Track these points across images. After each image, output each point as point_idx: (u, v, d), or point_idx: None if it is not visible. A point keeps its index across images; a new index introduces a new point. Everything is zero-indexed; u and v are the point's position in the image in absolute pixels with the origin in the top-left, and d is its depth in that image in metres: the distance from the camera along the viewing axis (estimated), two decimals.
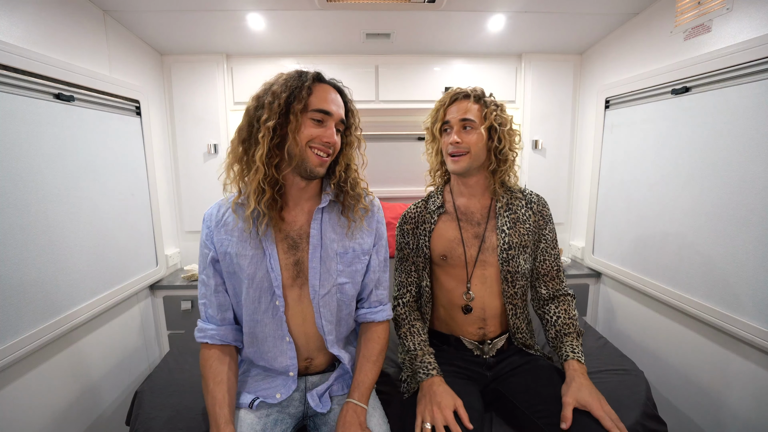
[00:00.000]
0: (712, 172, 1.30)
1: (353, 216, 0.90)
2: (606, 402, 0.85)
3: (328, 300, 0.89)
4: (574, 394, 0.85)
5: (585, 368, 0.94)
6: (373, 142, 2.36)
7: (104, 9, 1.53)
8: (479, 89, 1.05)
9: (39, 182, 1.20)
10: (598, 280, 2.01)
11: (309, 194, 0.89)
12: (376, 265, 0.96)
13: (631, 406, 1.00)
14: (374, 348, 0.94)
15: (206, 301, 0.90)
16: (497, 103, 1.05)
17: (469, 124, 1.01)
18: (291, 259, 0.87)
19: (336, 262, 0.89)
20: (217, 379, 0.84)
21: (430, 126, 1.10)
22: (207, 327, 0.90)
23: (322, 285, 0.88)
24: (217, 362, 0.87)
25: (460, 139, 1.01)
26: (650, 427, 0.97)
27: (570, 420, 0.81)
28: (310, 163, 0.82)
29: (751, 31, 1.17)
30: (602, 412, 0.81)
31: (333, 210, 0.91)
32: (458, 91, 1.05)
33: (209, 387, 0.83)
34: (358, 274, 0.93)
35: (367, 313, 0.97)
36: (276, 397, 0.89)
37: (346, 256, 0.90)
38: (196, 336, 0.90)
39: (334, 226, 0.90)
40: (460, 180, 1.10)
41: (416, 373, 0.97)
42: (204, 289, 0.90)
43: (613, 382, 1.11)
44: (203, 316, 0.92)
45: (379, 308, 0.98)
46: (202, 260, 0.90)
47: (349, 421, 0.82)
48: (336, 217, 0.91)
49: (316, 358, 0.95)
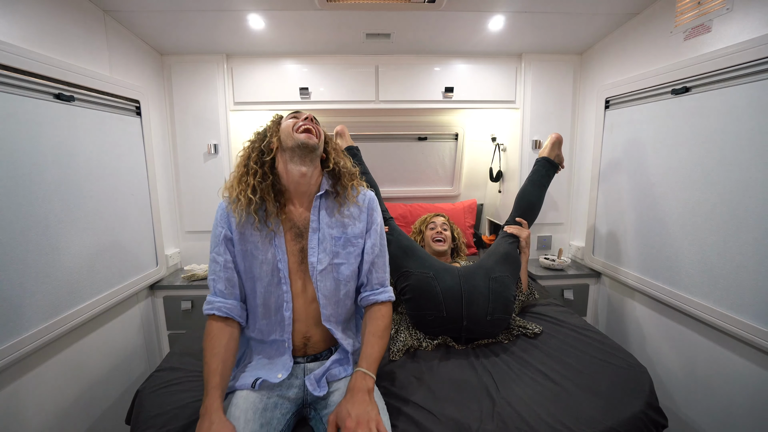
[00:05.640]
0: (711, 172, 1.30)
1: (344, 198, 1.03)
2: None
3: (325, 276, 0.99)
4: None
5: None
6: (373, 142, 2.39)
7: (104, 9, 1.53)
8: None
9: (39, 182, 1.19)
10: (598, 280, 2.01)
11: (311, 187, 1.01)
12: (369, 247, 1.05)
13: (635, 396, 1.04)
14: (380, 325, 1.01)
15: (215, 277, 0.98)
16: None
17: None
18: (297, 246, 0.99)
19: (332, 244, 1.01)
20: (214, 351, 0.91)
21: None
22: (215, 300, 0.97)
23: (320, 261, 0.99)
24: (218, 335, 0.93)
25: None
26: (653, 417, 1.00)
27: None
28: (299, 138, 0.96)
29: (751, 31, 1.17)
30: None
31: (329, 198, 1.04)
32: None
33: (206, 358, 0.90)
34: (352, 255, 1.03)
35: (370, 295, 1.05)
36: (277, 377, 0.94)
37: (340, 240, 1.02)
38: (204, 309, 0.96)
39: (331, 212, 1.02)
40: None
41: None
42: (214, 266, 0.98)
43: (617, 374, 1.14)
44: (212, 290, 0.99)
45: (381, 290, 1.06)
46: (214, 240, 0.99)
47: (358, 386, 0.88)
48: (331, 204, 1.03)
49: (314, 335, 1.01)
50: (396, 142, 2.42)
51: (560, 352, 1.27)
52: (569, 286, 2.00)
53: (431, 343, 1.33)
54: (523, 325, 1.42)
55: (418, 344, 1.33)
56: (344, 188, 1.03)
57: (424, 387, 1.09)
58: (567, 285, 2.00)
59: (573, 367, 1.18)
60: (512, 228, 1.63)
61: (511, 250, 1.55)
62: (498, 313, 1.32)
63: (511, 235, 1.62)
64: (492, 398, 1.04)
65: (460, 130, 2.42)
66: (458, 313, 1.30)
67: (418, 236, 1.89)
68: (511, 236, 1.62)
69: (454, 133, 2.43)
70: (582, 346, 1.30)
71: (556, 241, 2.27)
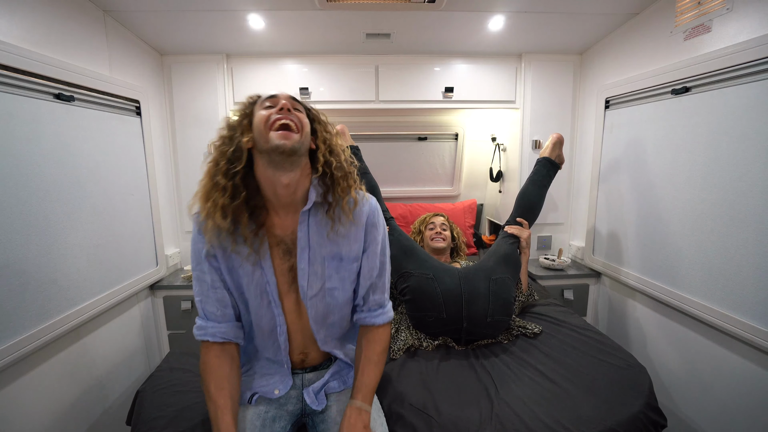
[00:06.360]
0: (711, 172, 1.30)
1: (339, 213, 0.85)
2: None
3: (317, 302, 0.89)
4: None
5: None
6: (373, 142, 2.38)
7: (104, 9, 1.53)
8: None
9: (39, 182, 1.19)
10: (598, 280, 2.01)
11: (297, 196, 0.84)
12: (366, 271, 0.92)
13: (635, 396, 1.04)
14: (375, 349, 0.92)
15: (203, 297, 0.86)
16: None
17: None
18: (286, 265, 0.87)
19: (324, 266, 0.87)
20: (219, 385, 0.82)
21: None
22: (207, 325, 0.86)
23: (311, 286, 0.87)
24: (218, 364, 0.85)
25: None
26: (652, 418, 1.00)
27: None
28: (274, 139, 0.76)
29: (751, 31, 1.17)
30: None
31: (319, 212, 0.87)
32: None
33: (211, 393, 0.81)
34: (346, 280, 0.91)
35: (366, 317, 0.95)
36: (274, 393, 0.90)
37: (333, 262, 0.88)
38: (195, 334, 0.87)
39: (321, 229, 0.87)
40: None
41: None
42: (199, 286, 0.86)
43: (617, 374, 1.14)
44: (201, 313, 0.88)
45: (378, 312, 0.95)
46: (195, 257, 0.86)
47: (353, 424, 0.81)
48: (323, 220, 0.87)
49: (312, 351, 0.96)
50: (396, 142, 2.42)
51: (560, 352, 1.27)
52: (569, 286, 2.00)
53: (432, 343, 1.33)
54: (523, 325, 1.42)
55: (419, 343, 1.33)
56: (337, 200, 0.85)
57: (423, 389, 1.09)
58: (567, 285, 2.00)
59: (572, 367, 1.18)
60: (513, 228, 1.63)
61: (511, 251, 1.55)
62: (498, 314, 1.32)
63: (512, 236, 1.62)
64: (491, 400, 1.04)
65: (460, 130, 2.42)
66: (458, 314, 1.30)
67: (418, 236, 1.90)
68: (511, 236, 1.62)
69: (454, 133, 2.43)
70: (582, 346, 1.30)
71: (556, 241, 2.27)
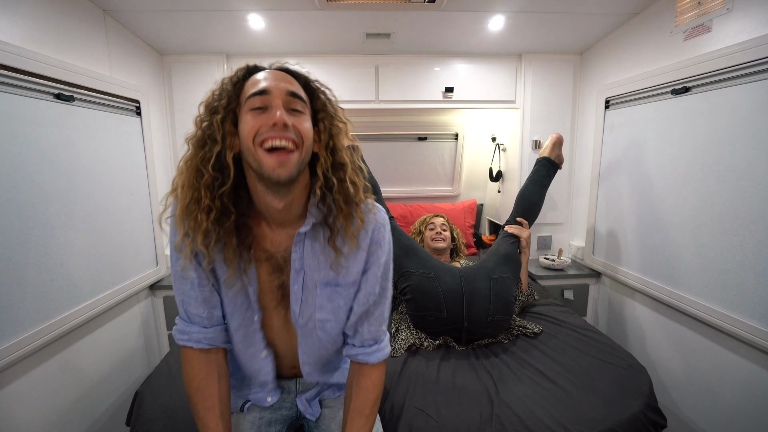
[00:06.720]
0: (711, 172, 1.30)
1: (342, 243, 0.72)
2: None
3: (307, 333, 0.78)
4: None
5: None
6: (373, 142, 2.38)
7: (104, 9, 1.53)
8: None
9: (39, 182, 1.19)
10: (598, 280, 2.01)
11: (292, 215, 0.72)
12: (362, 296, 0.77)
13: (634, 396, 1.04)
14: (368, 398, 0.77)
15: (184, 297, 0.73)
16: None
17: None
18: (275, 282, 0.76)
19: (316, 294, 0.75)
20: (207, 404, 0.73)
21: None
22: (191, 329, 0.75)
23: (302, 314, 0.76)
24: (204, 377, 0.75)
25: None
26: (652, 418, 1.00)
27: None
28: (266, 167, 0.61)
29: (751, 31, 1.17)
30: None
31: (318, 236, 0.73)
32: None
33: (199, 413, 0.73)
34: (341, 309, 0.77)
35: (359, 354, 0.79)
36: (267, 401, 0.86)
37: (326, 289, 0.75)
38: (176, 338, 0.76)
39: (318, 255, 0.74)
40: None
41: None
42: (181, 284, 0.73)
43: (617, 374, 1.14)
44: (183, 314, 0.76)
45: (374, 347, 0.79)
46: (173, 253, 0.72)
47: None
48: (321, 245, 0.73)
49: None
50: (396, 142, 2.42)
51: (560, 352, 1.27)
52: (569, 286, 2.00)
53: (432, 342, 1.33)
54: (523, 325, 1.42)
55: (420, 343, 1.33)
56: (340, 227, 0.70)
57: (423, 389, 1.09)
58: (567, 285, 2.00)
59: (572, 367, 1.18)
60: (513, 228, 1.64)
61: (511, 251, 1.55)
62: (499, 314, 1.32)
63: (512, 235, 1.62)
64: (491, 400, 1.04)
65: (460, 130, 2.42)
66: (459, 314, 1.30)
67: (418, 237, 1.90)
68: (511, 236, 1.62)
69: (454, 133, 2.43)
70: (582, 346, 1.30)
71: (556, 241, 2.27)
